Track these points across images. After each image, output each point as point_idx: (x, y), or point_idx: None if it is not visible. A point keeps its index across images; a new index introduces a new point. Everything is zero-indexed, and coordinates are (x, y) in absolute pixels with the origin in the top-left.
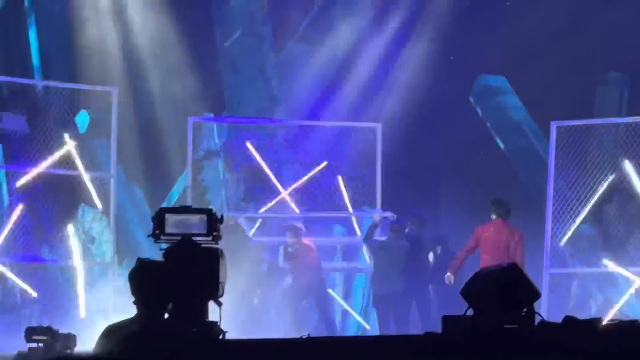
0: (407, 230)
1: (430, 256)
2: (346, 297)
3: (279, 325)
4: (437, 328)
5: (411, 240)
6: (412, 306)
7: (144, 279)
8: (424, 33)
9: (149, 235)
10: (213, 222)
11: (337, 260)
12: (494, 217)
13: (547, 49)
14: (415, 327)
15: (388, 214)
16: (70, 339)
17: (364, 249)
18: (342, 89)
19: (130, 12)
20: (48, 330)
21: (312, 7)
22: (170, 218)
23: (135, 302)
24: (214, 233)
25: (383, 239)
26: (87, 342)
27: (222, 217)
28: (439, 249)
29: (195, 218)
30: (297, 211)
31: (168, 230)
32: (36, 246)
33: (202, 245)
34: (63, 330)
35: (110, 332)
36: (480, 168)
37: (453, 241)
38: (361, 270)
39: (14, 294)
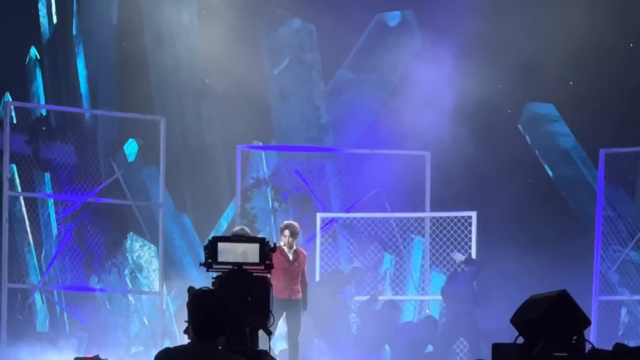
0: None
1: None
2: None
3: None
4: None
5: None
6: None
7: (198, 308)
8: (473, 60)
9: (201, 264)
10: (265, 251)
11: (386, 289)
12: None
13: (596, 76)
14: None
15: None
16: None
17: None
18: (391, 117)
19: (178, 41)
20: None
21: (361, 34)
22: (222, 247)
23: (185, 331)
24: (267, 262)
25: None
26: None
27: (274, 246)
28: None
29: (248, 247)
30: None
31: (220, 259)
32: (85, 275)
33: (253, 275)
34: (111, 359)
35: (163, 357)
36: (529, 196)
37: (496, 270)
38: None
39: (62, 323)
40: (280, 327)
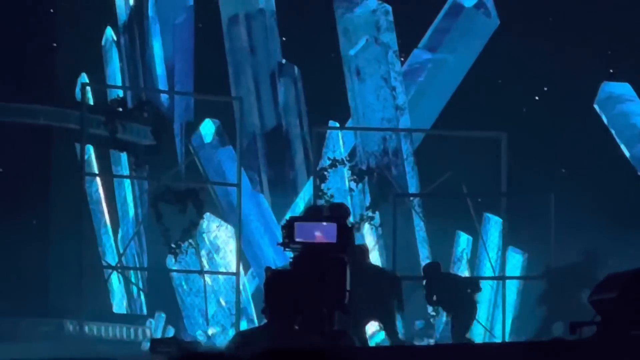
0: None
1: None
2: None
3: None
4: None
5: None
6: None
7: (276, 288)
8: (550, 40)
9: (278, 244)
10: (343, 231)
11: (462, 269)
12: None
13: None
14: None
15: None
16: (196, 347)
17: None
18: (467, 97)
19: (254, 22)
20: (173, 341)
21: (437, 14)
22: (299, 226)
23: (262, 311)
24: (344, 242)
25: None
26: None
27: (352, 225)
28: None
29: (325, 227)
30: None
31: (297, 238)
32: (161, 255)
33: (330, 254)
34: (189, 339)
35: (240, 338)
36: (605, 176)
37: (570, 253)
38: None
39: (139, 304)
40: None
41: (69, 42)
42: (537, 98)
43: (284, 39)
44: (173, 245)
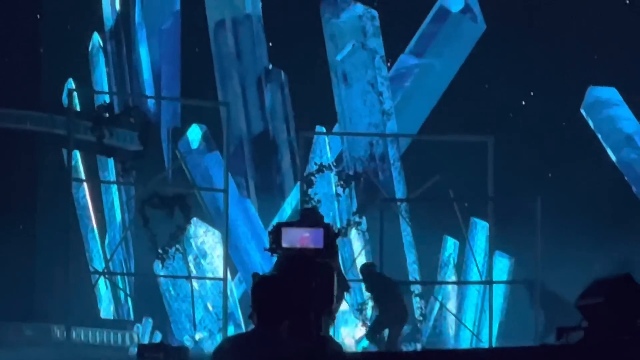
0: None
1: None
2: (459, 310)
3: None
4: None
5: None
6: None
7: (263, 294)
8: (534, 44)
9: (265, 249)
10: (330, 237)
11: (449, 274)
12: None
13: None
14: None
15: None
16: (183, 352)
17: None
18: (454, 102)
19: (241, 27)
20: (160, 346)
21: (423, 19)
22: (286, 232)
23: (250, 317)
24: (331, 247)
25: None
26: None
27: (339, 231)
28: None
29: (312, 232)
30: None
31: (284, 244)
32: (148, 260)
33: (316, 260)
34: (176, 344)
35: (227, 344)
36: (592, 180)
37: (556, 257)
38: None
39: (126, 309)
40: None
41: (56, 48)
42: (523, 103)
43: (270, 44)
44: (160, 251)
